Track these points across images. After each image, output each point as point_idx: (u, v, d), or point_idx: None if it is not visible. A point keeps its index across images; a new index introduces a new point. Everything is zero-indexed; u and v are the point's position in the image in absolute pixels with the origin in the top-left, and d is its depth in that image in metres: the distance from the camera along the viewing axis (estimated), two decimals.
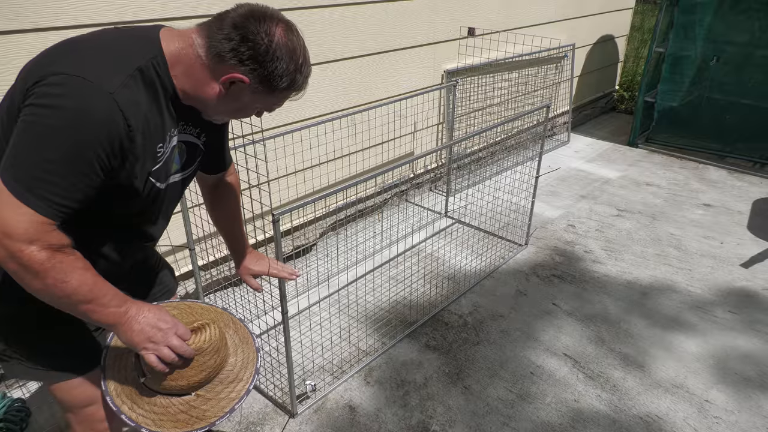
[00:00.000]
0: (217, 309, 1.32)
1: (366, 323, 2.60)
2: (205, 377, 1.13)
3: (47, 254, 0.93)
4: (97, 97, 0.92)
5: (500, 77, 4.18)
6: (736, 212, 3.79)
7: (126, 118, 0.95)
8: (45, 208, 0.92)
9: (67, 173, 0.92)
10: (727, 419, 2.11)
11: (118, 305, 1.02)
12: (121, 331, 1.03)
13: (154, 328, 1.04)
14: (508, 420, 2.08)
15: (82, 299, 0.98)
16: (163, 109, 1.05)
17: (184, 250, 2.56)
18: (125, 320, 1.03)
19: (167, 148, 1.10)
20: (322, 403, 2.15)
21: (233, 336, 1.26)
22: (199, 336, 1.11)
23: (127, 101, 0.95)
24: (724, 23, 4.35)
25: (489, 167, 4.40)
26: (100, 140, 0.93)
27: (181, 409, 1.12)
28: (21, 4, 1.82)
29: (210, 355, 1.12)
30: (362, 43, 3.04)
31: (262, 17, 1.04)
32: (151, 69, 1.00)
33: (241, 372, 1.20)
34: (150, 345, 1.04)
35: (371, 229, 3.44)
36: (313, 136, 2.86)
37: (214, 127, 1.26)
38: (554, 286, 2.93)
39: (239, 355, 1.23)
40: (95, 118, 0.92)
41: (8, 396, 2.00)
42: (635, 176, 4.39)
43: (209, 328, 1.13)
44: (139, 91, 0.98)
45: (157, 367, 1.05)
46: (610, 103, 6.13)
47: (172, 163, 1.15)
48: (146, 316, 1.05)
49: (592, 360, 2.40)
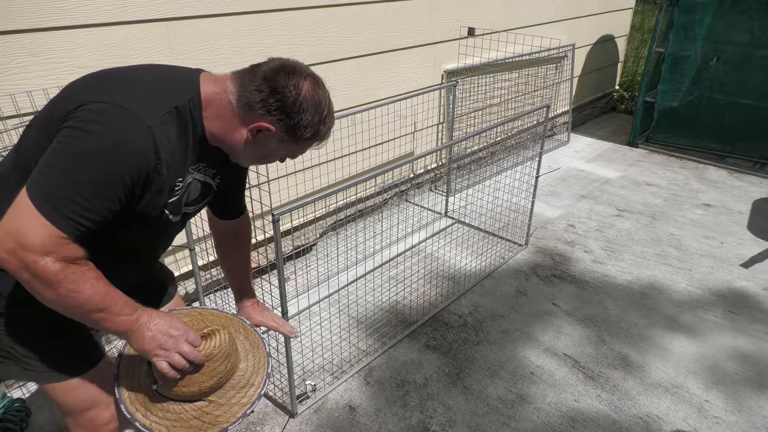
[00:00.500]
0: (227, 315, 1.33)
1: (366, 323, 2.60)
2: (216, 383, 1.14)
3: (61, 266, 0.95)
4: (136, 129, 0.97)
5: (500, 77, 4.18)
6: (736, 212, 3.79)
7: (158, 152, 1.00)
8: (64, 224, 0.94)
9: (93, 196, 0.96)
10: (727, 419, 2.11)
11: (129, 313, 1.04)
12: (133, 338, 1.05)
13: (165, 335, 1.06)
14: (508, 420, 2.08)
15: (94, 308, 1.00)
16: (189, 147, 1.11)
17: (184, 250, 2.56)
18: (136, 328, 1.04)
19: (185, 183, 1.15)
20: (322, 403, 2.15)
21: (244, 341, 1.28)
22: (209, 342, 1.12)
23: (162, 136, 1.01)
24: (724, 23, 4.35)
25: (489, 167, 4.40)
26: (130, 169, 0.98)
27: (193, 415, 1.13)
28: (21, 4, 1.82)
29: (220, 360, 1.13)
30: (362, 43, 3.04)
31: (292, 71, 1.09)
32: (188, 110, 1.07)
33: (253, 377, 1.21)
34: (161, 352, 1.05)
35: (371, 229, 3.44)
36: None
37: (232, 172, 1.31)
38: (554, 286, 2.93)
39: (250, 360, 1.24)
40: (132, 149, 0.97)
41: (8, 396, 2.00)
42: (635, 176, 4.39)
43: (219, 334, 1.14)
44: (173, 127, 1.04)
45: (168, 374, 1.06)
46: (610, 103, 6.13)
47: (185, 199, 1.20)
48: (157, 323, 1.06)
49: (592, 360, 2.40)
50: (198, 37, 2.32)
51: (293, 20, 2.64)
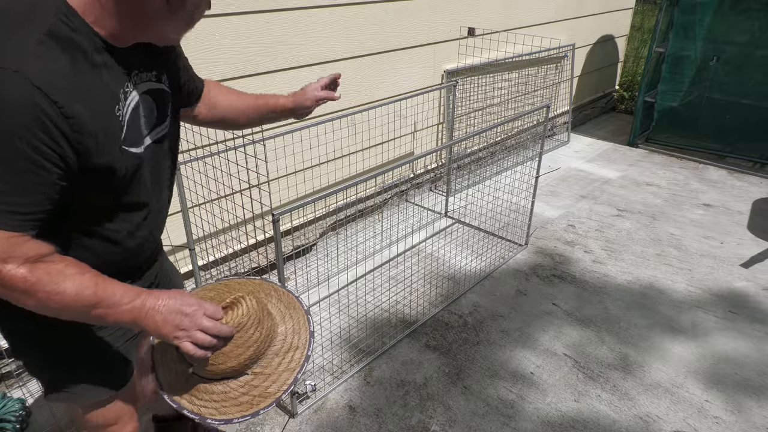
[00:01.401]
0: (255, 281, 1.23)
1: (366, 323, 2.60)
2: (254, 353, 1.04)
3: (27, 269, 0.85)
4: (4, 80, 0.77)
5: (500, 77, 4.18)
6: (736, 212, 3.79)
7: (48, 94, 0.80)
8: (5, 223, 0.83)
9: (9, 177, 0.81)
10: (726, 419, 2.11)
11: (131, 300, 0.93)
12: (146, 326, 0.94)
13: (179, 314, 0.95)
14: (508, 420, 2.08)
15: (88, 305, 0.90)
16: (100, 68, 0.90)
17: (184, 250, 2.56)
18: (144, 314, 0.93)
19: (127, 107, 0.96)
20: (322, 403, 2.15)
21: (277, 304, 1.17)
22: (235, 311, 1.03)
23: (41, 74, 0.80)
24: (724, 23, 4.35)
25: (489, 167, 4.40)
26: (26, 128, 0.79)
27: (241, 392, 1.05)
28: None
29: (253, 328, 1.03)
30: (362, 43, 3.04)
31: None
32: (62, 26, 0.84)
33: (295, 339, 1.11)
34: (180, 333, 0.95)
35: (371, 229, 3.44)
36: (313, 136, 2.86)
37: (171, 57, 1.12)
38: (554, 286, 2.93)
39: (288, 322, 1.14)
40: (9, 104, 0.78)
41: (8, 396, 2.00)
42: (635, 176, 4.39)
43: (245, 301, 1.05)
44: (55, 57, 0.83)
45: (196, 354, 0.96)
46: (610, 103, 6.13)
47: (141, 122, 1.03)
48: (167, 303, 0.95)
49: (592, 360, 2.40)
50: (197, 37, 2.32)
51: (293, 20, 2.64)
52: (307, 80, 2.84)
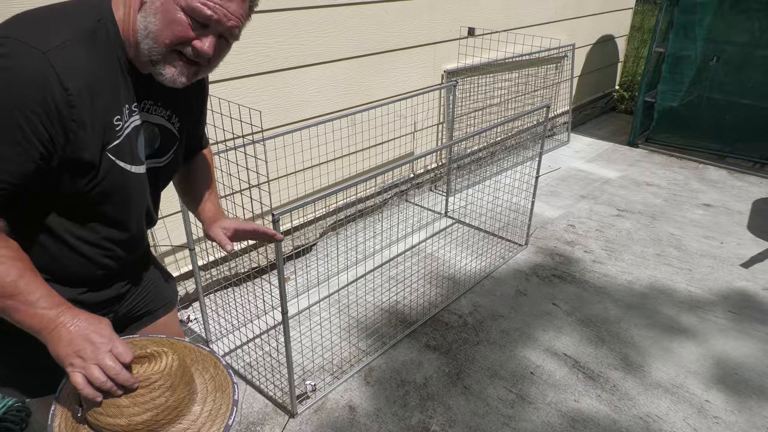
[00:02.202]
0: (203, 351, 1.10)
1: (366, 323, 2.60)
2: (150, 419, 0.90)
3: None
4: (26, 56, 0.83)
5: (500, 77, 4.18)
6: (736, 212, 3.79)
7: (62, 79, 0.85)
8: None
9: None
10: (727, 419, 2.11)
11: (47, 307, 0.87)
12: (48, 339, 0.87)
13: (86, 341, 0.87)
14: (508, 420, 2.08)
15: (2, 291, 0.86)
16: (118, 79, 0.96)
17: (184, 250, 2.56)
18: (54, 327, 0.87)
19: (127, 123, 1.00)
20: (322, 403, 2.15)
21: (208, 382, 1.04)
22: (150, 365, 0.92)
23: (64, 61, 0.86)
24: (724, 23, 4.35)
25: (489, 167, 4.40)
26: (28, 103, 0.83)
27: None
28: (20, 5, 1.82)
29: (161, 390, 0.91)
30: (362, 43, 3.04)
31: None
32: (100, 31, 0.91)
33: (206, 426, 0.95)
34: (77, 361, 0.86)
35: (371, 229, 3.44)
36: (313, 136, 2.86)
37: (188, 107, 1.17)
38: (554, 286, 2.93)
39: (208, 404, 0.99)
40: (23, 79, 0.83)
41: None
42: (635, 176, 4.39)
43: (165, 357, 0.92)
44: (82, 53, 0.89)
45: (83, 391, 0.86)
46: (610, 103, 6.13)
47: (139, 145, 1.05)
48: (79, 325, 0.88)
49: (592, 360, 2.40)
50: None
51: (293, 20, 2.64)
52: (307, 80, 2.86)
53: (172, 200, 2.36)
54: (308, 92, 2.84)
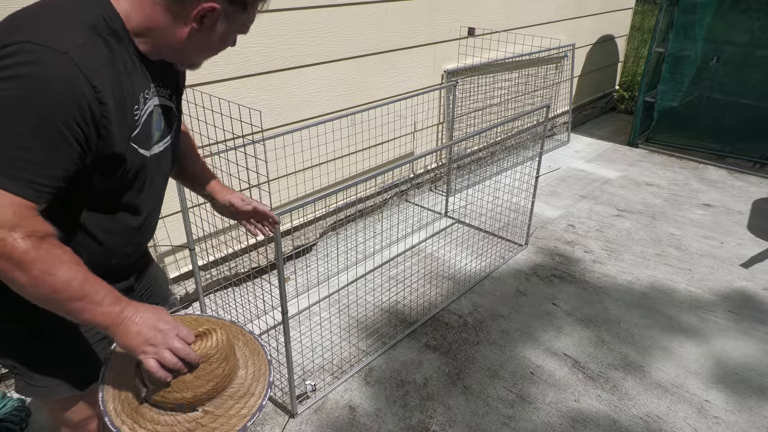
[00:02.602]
0: (224, 321, 1.22)
1: (366, 323, 2.60)
2: (212, 388, 1.03)
3: (32, 243, 0.85)
4: (50, 59, 0.83)
5: (500, 77, 4.18)
6: (736, 212, 3.79)
7: (88, 78, 0.87)
8: (22, 187, 0.84)
9: (40, 148, 0.85)
10: (727, 419, 2.11)
11: (111, 303, 0.93)
12: (117, 333, 0.94)
13: (153, 329, 0.95)
14: (508, 420, 2.08)
15: (72, 296, 0.89)
16: (130, 69, 0.98)
17: (184, 250, 2.56)
18: (121, 321, 0.93)
19: (144, 111, 1.02)
20: (322, 403, 2.15)
21: (243, 348, 1.17)
22: (205, 341, 1.02)
23: (85, 59, 0.87)
24: (724, 23, 4.35)
25: (489, 167, 4.40)
26: (65, 105, 0.85)
27: (187, 427, 1.01)
28: None
29: (218, 362, 1.02)
30: (362, 43, 3.04)
31: None
32: (105, 25, 0.92)
33: (253, 385, 1.09)
34: (149, 348, 0.94)
35: (371, 229, 3.44)
36: (313, 136, 2.86)
37: (179, 87, 1.20)
38: (554, 286, 2.93)
39: (250, 367, 1.12)
40: (55, 82, 0.84)
41: (8, 396, 2.00)
42: (635, 176, 4.39)
43: (216, 333, 1.03)
44: (98, 48, 0.90)
45: (157, 374, 0.95)
46: (610, 103, 6.13)
47: (153, 130, 1.08)
48: (144, 316, 0.95)
49: (592, 360, 2.40)
50: None
51: (293, 20, 2.64)
52: (307, 80, 2.86)
53: (172, 200, 2.36)
54: (308, 92, 2.84)
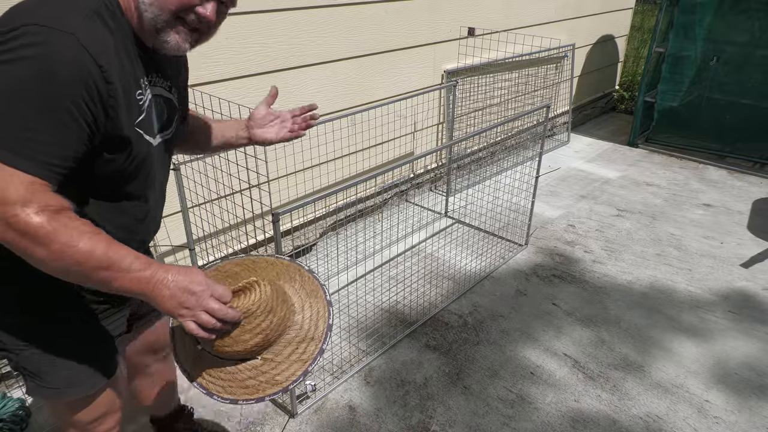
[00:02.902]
0: (284, 262, 1.19)
1: (366, 323, 2.60)
2: (262, 341, 1.02)
3: (47, 216, 0.85)
4: (57, 39, 0.85)
5: (500, 77, 4.18)
6: (736, 212, 3.79)
7: (95, 58, 0.88)
8: (35, 167, 0.86)
9: (49, 128, 0.86)
10: (727, 419, 2.11)
11: (141, 269, 0.92)
12: (151, 298, 0.94)
13: (186, 292, 0.93)
14: (508, 420, 2.08)
15: (98, 265, 0.89)
16: (131, 54, 0.99)
17: (184, 250, 2.56)
18: (153, 285, 0.92)
19: (146, 98, 1.03)
20: (322, 403, 2.15)
21: (299, 290, 1.14)
22: (246, 297, 1.01)
23: (91, 40, 0.88)
24: (724, 23, 4.35)
25: (489, 167, 4.40)
26: (72, 84, 0.86)
27: (248, 375, 1.03)
28: None
29: (263, 316, 1.01)
30: (362, 43, 3.04)
31: None
32: (105, 9, 0.94)
33: (311, 330, 1.08)
34: (184, 311, 0.94)
35: (371, 229, 3.44)
36: (313, 136, 2.86)
37: (179, 77, 1.20)
38: (554, 286, 2.93)
39: (307, 311, 1.11)
40: (61, 60, 0.85)
41: (8, 396, 2.00)
42: (635, 176, 4.39)
43: (257, 288, 1.02)
44: (100, 30, 0.92)
45: (198, 335, 0.95)
46: (610, 103, 6.13)
47: (154, 119, 1.08)
48: (176, 279, 0.94)
49: (592, 360, 2.40)
50: None
51: (293, 20, 2.64)
52: (307, 80, 2.86)
53: (172, 200, 2.36)
54: (308, 92, 2.84)
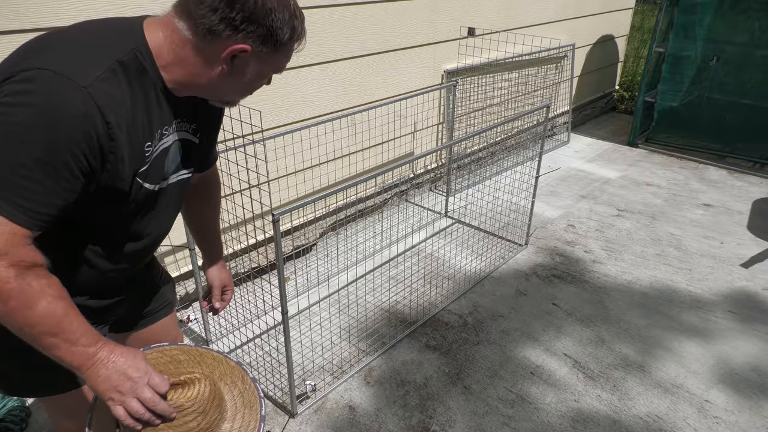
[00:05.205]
0: (231, 362, 1.17)
1: (366, 323, 2.60)
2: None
3: (15, 272, 0.82)
4: (68, 91, 0.83)
5: (500, 77, 4.18)
6: (736, 212, 3.79)
7: (104, 114, 0.86)
8: (20, 216, 0.82)
9: (43, 177, 0.83)
10: (727, 419, 2.11)
11: (86, 344, 0.89)
12: (86, 375, 0.90)
13: (123, 376, 0.90)
14: (508, 420, 2.08)
15: (46, 331, 0.86)
16: (152, 105, 0.97)
17: (184, 250, 2.56)
18: (91, 363, 0.89)
19: (157, 147, 1.01)
20: (322, 403, 2.15)
21: (237, 398, 1.11)
22: (182, 392, 0.98)
23: (105, 95, 0.86)
24: (724, 23, 4.35)
25: (489, 167, 4.40)
26: (75, 139, 0.84)
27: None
28: (22, 3, 1.82)
29: (194, 415, 0.97)
30: (362, 43, 3.04)
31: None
32: (134, 61, 0.92)
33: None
34: (116, 395, 0.90)
35: (371, 229, 3.44)
36: (313, 136, 2.86)
37: (208, 119, 1.18)
38: (554, 286, 2.93)
39: (237, 421, 1.06)
40: (68, 115, 0.82)
41: (8, 396, 2.00)
42: (635, 176, 4.39)
43: (198, 385, 0.99)
44: (120, 85, 0.90)
45: (125, 422, 0.91)
46: (610, 103, 6.13)
47: (168, 164, 1.07)
48: (115, 361, 0.91)
49: (592, 360, 2.40)
50: None
51: None
52: (307, 80, 2.86)
53: None
54: (308, 92, 2.84)
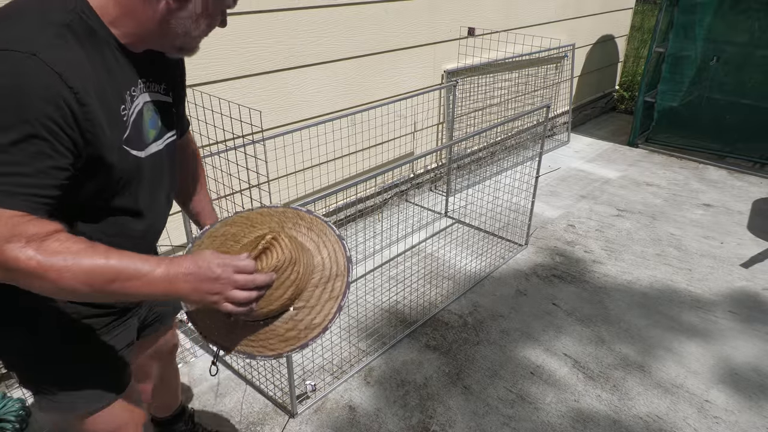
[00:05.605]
0: (277, 209, 1.17)
1: (366, 323, 2.60)
2: (294, 292, 1.02)
3: (33, 247, 0.80)
4: (21, 63, 0.79)
5: (500, 77, 4.18)
6: (736, 212, 3.79)
7: (64, 79, 0.82)
8: (17, 203, 0.80)
9: (27, 159, 0.80)
10: (727, 419, 2.11)
11: (150, 271, 0.86)
12: (175, 297, 0.90)
13: (207, 281, 0.89)
14: (508, 420, 2.08)
15: (105, 279, 0.84)
16: (112, 67, 0.92)
17: (184, 250, 2.56)
18: (170, 285, 0.88)
19: (131, 110, 0.97)
20: (322, 403, 2.15)
21: (308, 233, 1.13)
22: (269, 257, 0.99)
23: (60, 61, 0.82)
24: (724, 23, 4.35)
25: (489, 167, 4.40)
26: (46, 112, 0.80)
27: (287, 328, 1.03)
28: None
29: (290, 269, 1.00)
30: (362, 43, 3.04)
31: None
32: (80, 23, 0.87)
33: (333, 268, 1.09)
34: (215, 297, 0.90)
35: (371, 229, 3.44)
36: (313, 136, 2.86)
37: (176, 80, 1.15)
38: (554, 286, 2.93)
39: (323, 251, 1.10)
40: (27, 88, 0.79)
41: (8, 396, 2.00)
42: (635, 176, 4.39)
43: (277, 244, 1.00)
44: (72, 48, 0.85)
45: (237, 312, 0.93)
46: (610, 103, 6.13)
47: (146, 128, 1.03)
48: (191, 271, 0.89)
49: (592, 360, 2.40)
50: None
51: (293, 20, 2.64)
52: (307, 80, 2.85)
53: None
54: (308, 92, 2.84)
